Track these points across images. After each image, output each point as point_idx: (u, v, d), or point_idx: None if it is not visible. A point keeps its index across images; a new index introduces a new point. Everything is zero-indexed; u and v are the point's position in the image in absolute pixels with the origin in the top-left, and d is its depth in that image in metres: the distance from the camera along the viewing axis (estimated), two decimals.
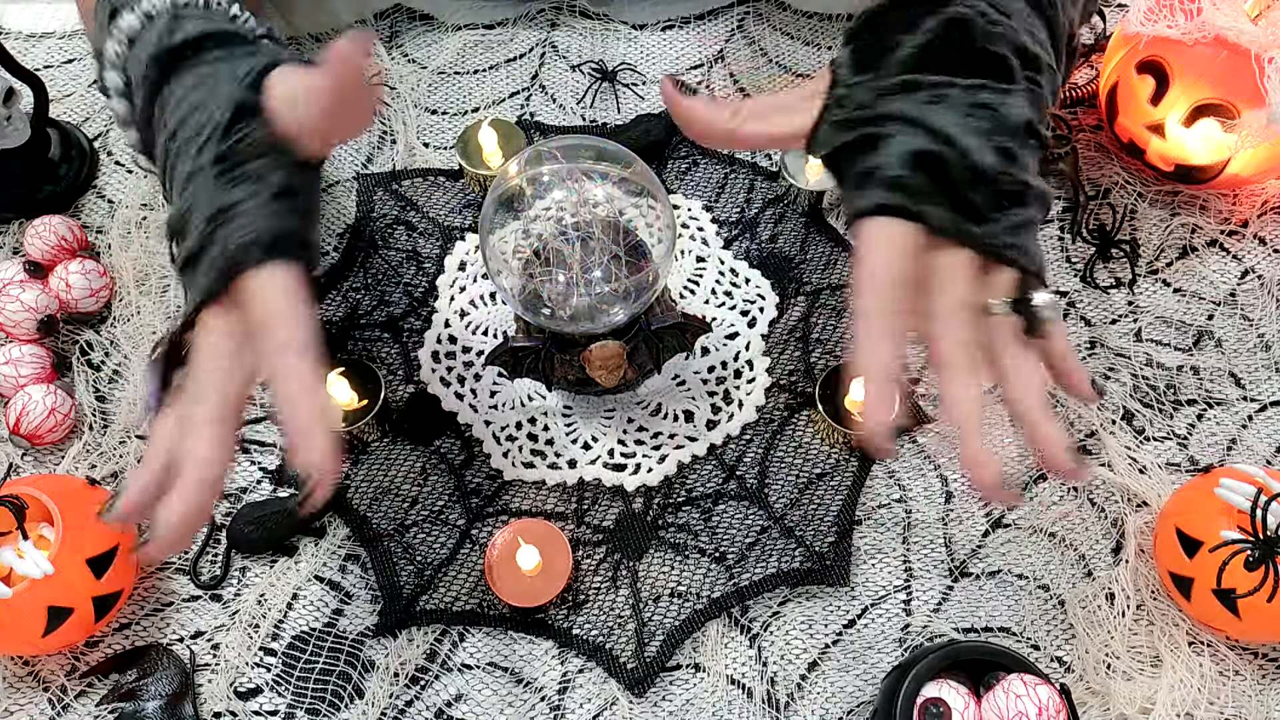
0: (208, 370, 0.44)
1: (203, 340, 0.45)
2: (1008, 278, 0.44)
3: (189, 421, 0.43)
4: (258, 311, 0.44)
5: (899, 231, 0.43)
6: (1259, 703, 0.57)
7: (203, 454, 0.43)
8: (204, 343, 0.44)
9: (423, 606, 0.60)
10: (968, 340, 0.42)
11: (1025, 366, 0.43)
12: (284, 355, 0.43)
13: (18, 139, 0.69)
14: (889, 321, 0.42)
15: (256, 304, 0.44)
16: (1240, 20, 0.62)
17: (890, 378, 0.42)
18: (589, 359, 0.58)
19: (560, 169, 0.57)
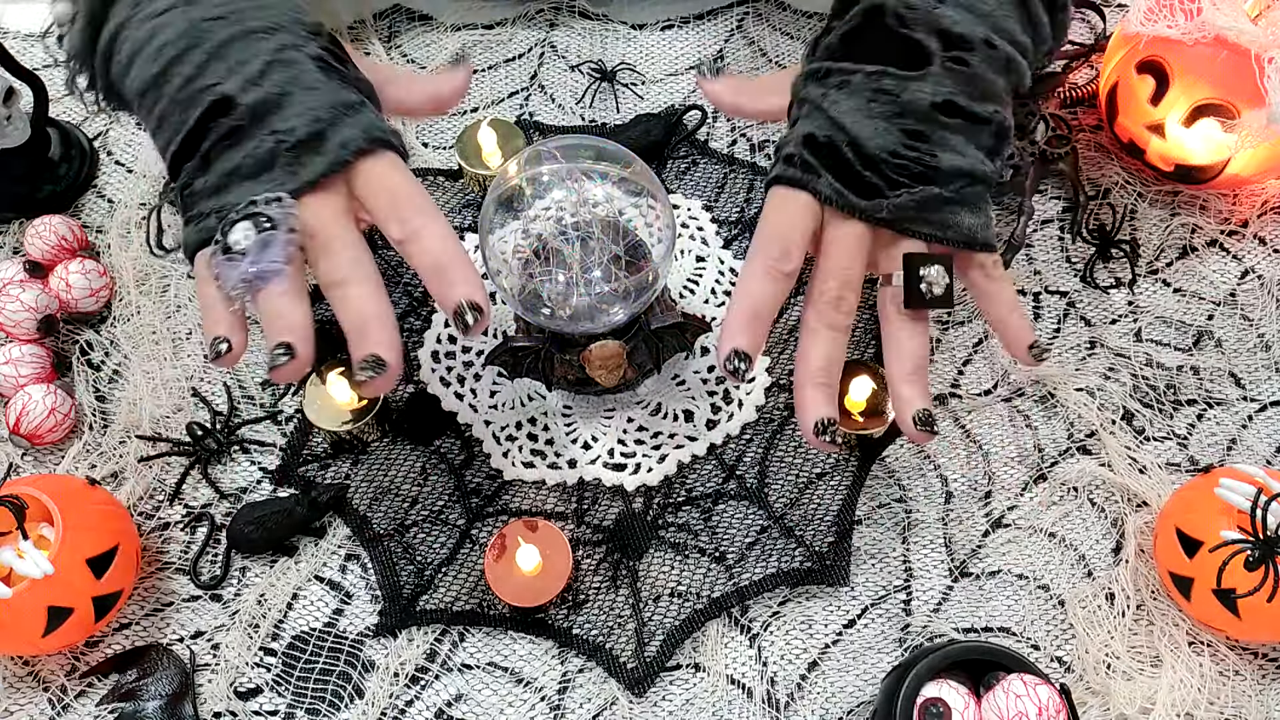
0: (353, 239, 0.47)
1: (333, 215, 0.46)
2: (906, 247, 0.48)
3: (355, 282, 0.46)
4: (386, 187, 0.47)
5: (795, 199, 0.48)
6: (1259, 703, 0.57)
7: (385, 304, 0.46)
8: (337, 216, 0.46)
9: (423, 606, 0.60)
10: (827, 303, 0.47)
11: (899, 335, 0.48)
12: (424, 216, 0.47)
13: (18, 138, 0.69)
14: (764, 262, 0.47)
15: (383, 180, 0.47)
16: (1240, 20, 0.62)
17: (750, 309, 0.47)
18: (589, 359, 0.58)
19: (560, 169, 0.57)
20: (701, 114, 0.75)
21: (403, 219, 0.47)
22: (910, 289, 0.47)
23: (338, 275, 0.46)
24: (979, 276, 0.49)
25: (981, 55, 0.46)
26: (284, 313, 0.45)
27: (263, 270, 0.45)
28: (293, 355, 0.44)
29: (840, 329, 0.48)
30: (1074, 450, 0.64)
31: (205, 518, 0.62)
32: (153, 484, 0.63)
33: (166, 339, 0.67)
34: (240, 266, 0.45)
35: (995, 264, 0.49)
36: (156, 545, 0.62)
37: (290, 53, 0.47)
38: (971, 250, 0.48)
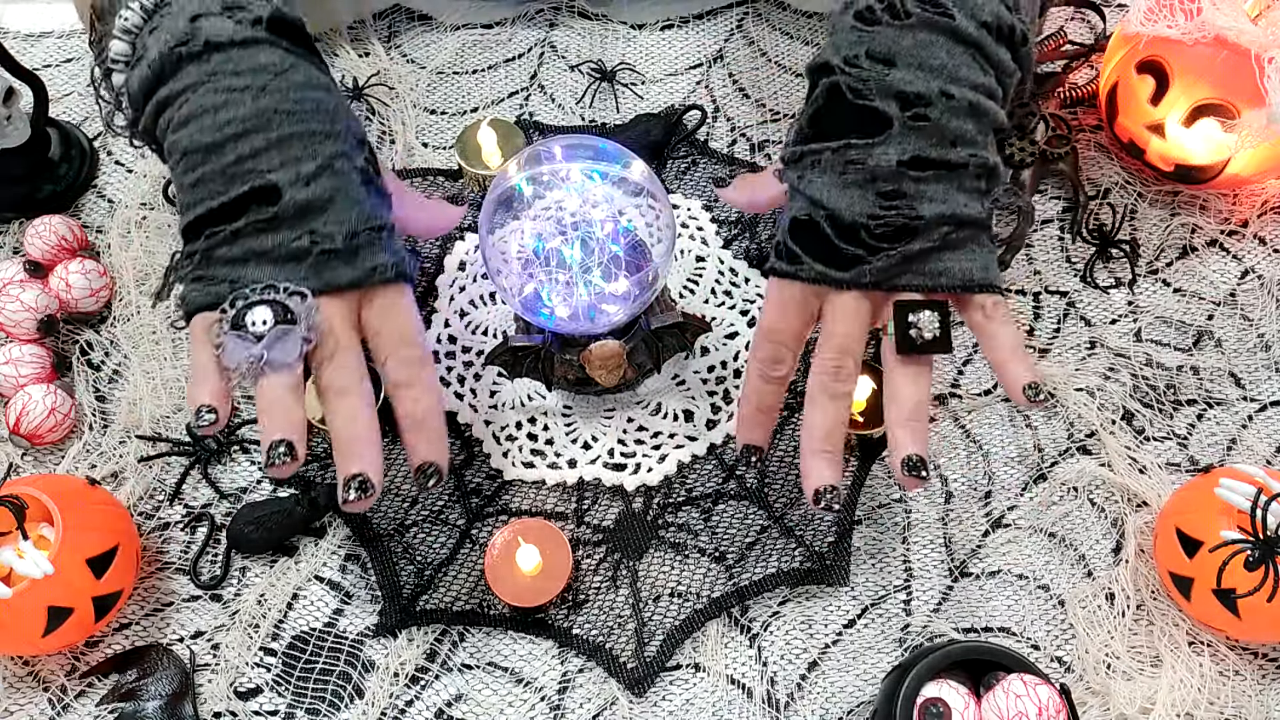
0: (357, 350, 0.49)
1: (343, 324, 0.49)
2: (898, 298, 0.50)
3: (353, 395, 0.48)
4: (395, 323, 0.50)
5: (787, 291, 0.51)
6: (1259, 703, 0.57)
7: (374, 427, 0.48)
8: (346, 327, 0.49)
9: (423, 606, 0.60)
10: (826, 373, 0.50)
11: (897, 382, 0.50)
12: (424, 367, 0.50)
13: (18, 138, 0.69)
14: (758, 367, 0.52)
15: (394, 316, 0.50)
16: (1240, 20, 0.62)
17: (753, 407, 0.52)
18: (589, 359, 0.58)
19: (560, 169, 0.57)
20: (701, 114, 0.75)
21: (403, 363, 0.50)
22: (900, 336, 0.49)
23: (340, 383, 0.48)
24: (979, 318, 0.50)
25: (941, 108, 0.47)
26: (288, 409, 0.47)
27: (274, 360, 0.46)
28: (293, 455, 0.46)
29: (840, 395, 0.50)
30: (1074, 450, 0.64)
31: (205, 518, 0.62)
32: (153, 484, 0.63)
33: (166, 339, 0.67)
34: (251, 349, 0.46)
35: (995, 305, 0.50)
36: (156, 545, 0.62)
37: (342, 162, 0.49)
38: (969, 293, 0.50)
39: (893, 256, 0.48)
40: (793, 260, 0.50)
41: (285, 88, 0.48)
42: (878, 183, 0.48)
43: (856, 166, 0.48)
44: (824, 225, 0.49)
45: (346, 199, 0.49)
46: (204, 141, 0.47)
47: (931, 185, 0.48)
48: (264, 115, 0.47)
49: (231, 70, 0.48)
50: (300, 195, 0.47)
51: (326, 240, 0.48)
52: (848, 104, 0.48)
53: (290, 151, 0.48)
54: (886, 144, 0.48)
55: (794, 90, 0.77)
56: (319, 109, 0.49)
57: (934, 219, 0.48)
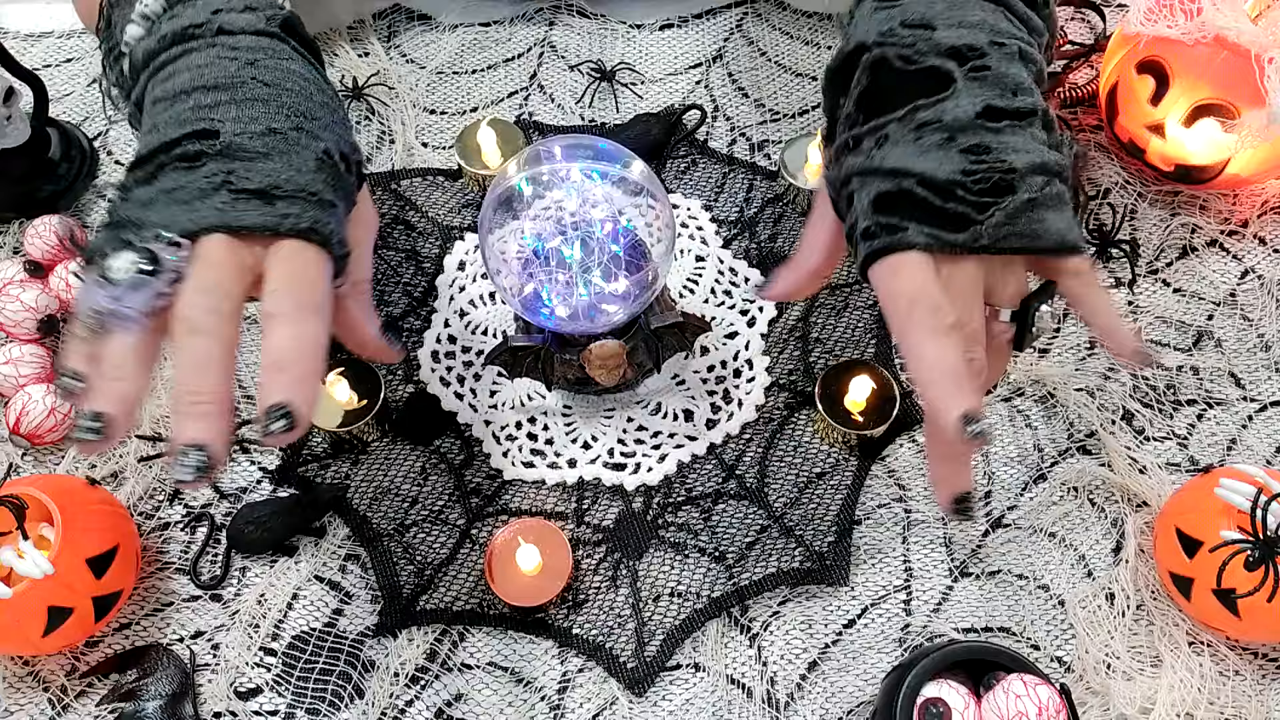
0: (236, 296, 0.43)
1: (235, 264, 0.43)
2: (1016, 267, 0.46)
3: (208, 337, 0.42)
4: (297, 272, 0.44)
5: (900, 263, 0.44)
6: (1259, 703, 0.57)
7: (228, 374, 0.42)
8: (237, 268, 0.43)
9: (423, 606, 0.60)
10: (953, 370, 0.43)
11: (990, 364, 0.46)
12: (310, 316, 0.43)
13: (18, 138, 0.69)
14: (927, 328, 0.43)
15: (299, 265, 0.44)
16: (1240, 20, 0.62)
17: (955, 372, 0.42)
18: (589, 358, 0.58)
19: (559, 169, 0.57)
20: (701, 114, 0.75)
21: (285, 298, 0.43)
22: (1024, 332, 0.46)
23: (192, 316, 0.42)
24: (1075, 285, 0.47)
25: (996, 56, 0.46)
26: (119, 373, 0.41)
27: (117, 311, 0.41)
28: (101, 433, 0.40)
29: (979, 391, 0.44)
30: (1074, 450, 0.64)
31: (205, 518, 0.62)
32: (153, 484, 0.63)
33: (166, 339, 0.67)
34: (98, 296, 0.41)
35: (1090, 269, 0.47)
36: (156, 545, 0.62)
37: (302, 136, 0.46)
38: (1061, 255, 0.46)
39: (1003, 208, 0.43)
40: (890, 231, 0.44)
41: (274, 66, 0.47)
42: (958, 139, 0.44)
43: (932, 127, 0.44)
44: (917, 191, 0.44)
45: (285, 162, 0.45)
46: (173, 90, 0.46)
47: (1009, 136, 0.45)
48: (240, 79, 0.46)
49: (230, 45, 0.47)
50: (235, 140, 0.44)
51: (243, 181, 0.43)
52: (899, 73, 0.46)
53: (248, 110, 0.45)
54: (955, 98, 0.45)
55: (794, 90, 0.77)
56: (300, 93, 0.47)
57: (1027, 169, 0.44)
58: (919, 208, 0.44)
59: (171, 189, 0.43)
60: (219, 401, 0.41)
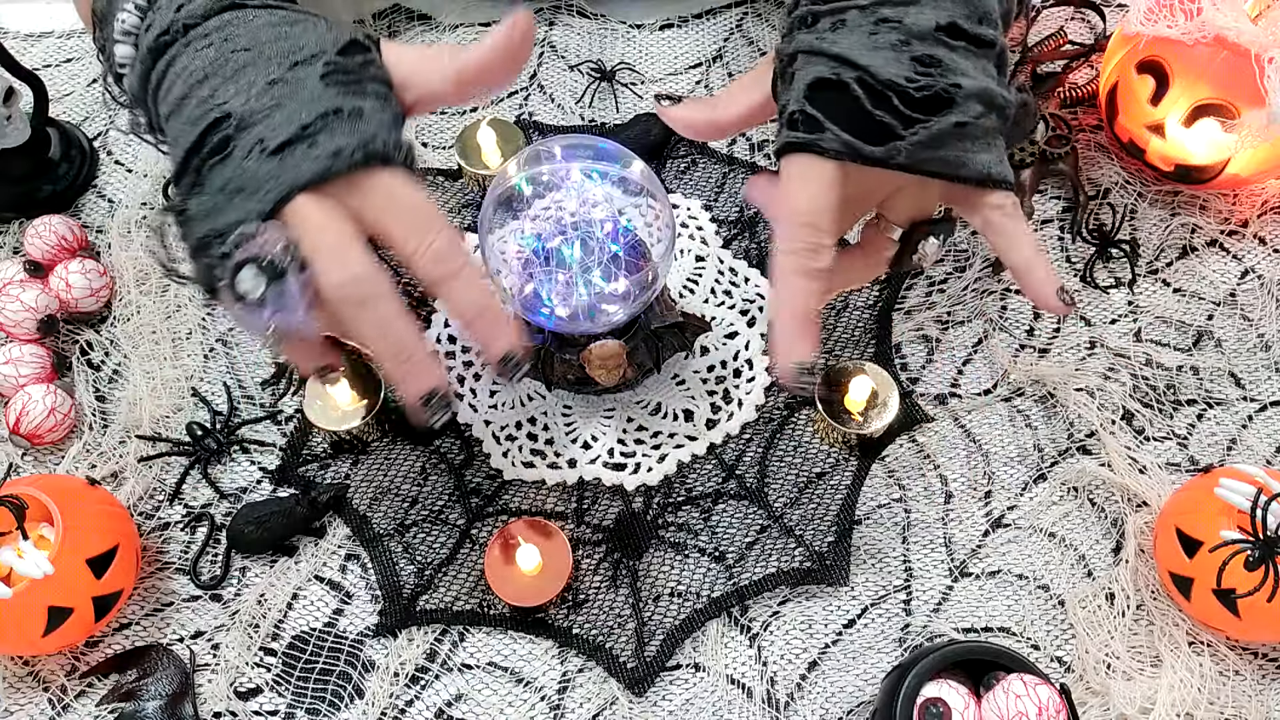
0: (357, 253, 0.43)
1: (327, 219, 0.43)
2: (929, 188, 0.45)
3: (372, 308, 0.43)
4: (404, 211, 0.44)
5: (811, 166, 0.44)
6: (1259, 703, 0.57)
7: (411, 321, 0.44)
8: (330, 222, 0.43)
9: (423, 606, 0.60)
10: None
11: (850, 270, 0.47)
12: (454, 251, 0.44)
13: (18, 138, 0.69)
14: (798, 260, 0.44)
15: (393, 202, 0.44)
16: (1240, 20, 0.62)
17: (799, 314, 0.44)
18: (589, 358, 0.58)
19: (559, 169, 0.57)
20: None
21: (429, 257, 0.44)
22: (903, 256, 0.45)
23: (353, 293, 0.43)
24: (996, 216, 0.46)
25: None
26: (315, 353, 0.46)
27: (286, 322, 0.43)
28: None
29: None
30: (1074, 450, 0.64)
31: (205, 518, 0.62)
32: (153, 484, 0.63)
33: (166, 339, 0.67)
34: (263, 317, 0.43)
35: (1014, 204, 0.46)
36: (156, 545, 0.62)
37: (299, 70, 0.46)
38: (985, 188, 0.45)
39: (928, 130, 0.43)
40: (812, 128, 0.44)
41: (246, 31, 0.47)
42: (913, 45, 0.43)
43: (890, 25, 0.43)
44: (854, 86, 0.43)
45: (296, 100, 0.44)
46: (175, 99, 0.46)
47: (963, 59, 0.44)
48: (222, 58, 0.46)
49: (201, 34, 0.47)
50: (244, 109, 0.44)
51: (272, 139, 0.43)
52: None
53: (243, 79, 0.45)
54: (923, 6, 0.44)
55: None
56: (279, 38, 0.47)
57: (972, 92, 0.43)
58: (847, 107, 0.43)
59: (223, 185, 0.44)
60: (417, 346, 0.44)
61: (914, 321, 0.68)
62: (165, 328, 0.68)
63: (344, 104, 0.45)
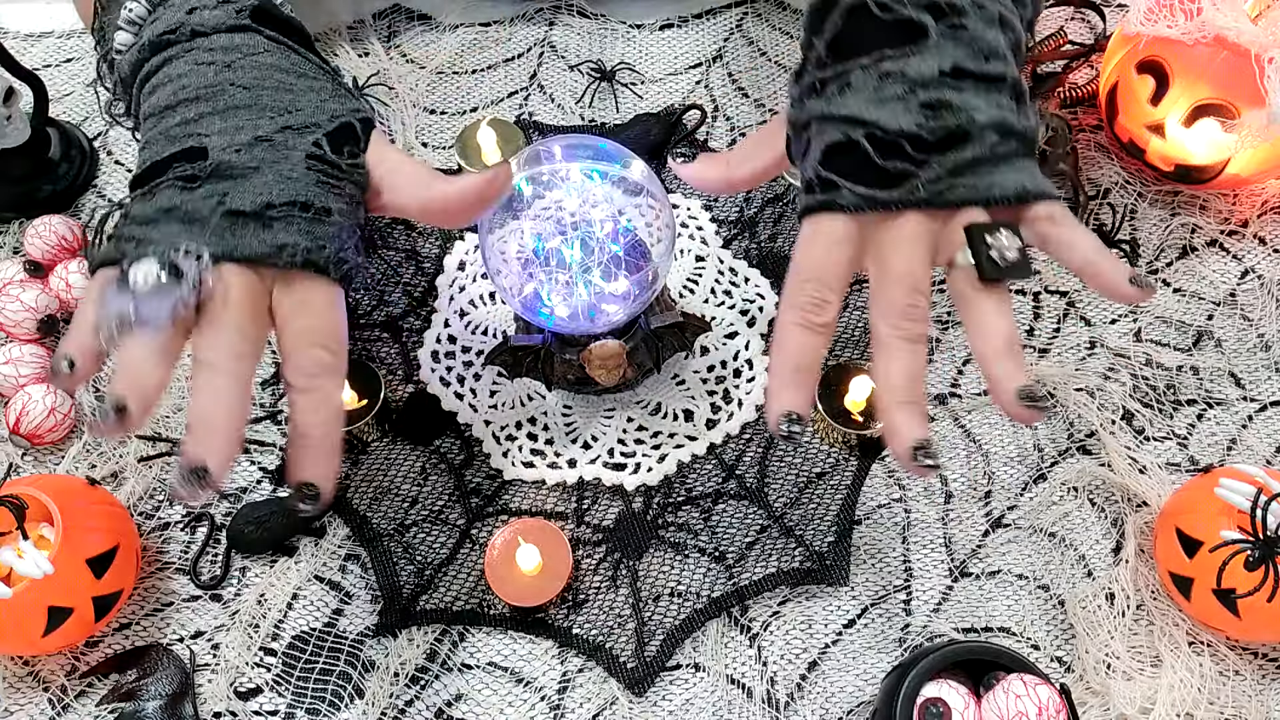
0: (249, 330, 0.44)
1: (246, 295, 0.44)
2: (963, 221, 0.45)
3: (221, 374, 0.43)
4: (307, 318, 0.45)
5: (824, 226, 0.45)
6: (1259, 703, 0.57)
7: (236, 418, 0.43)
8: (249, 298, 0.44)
9: (423, 606, 0.60)
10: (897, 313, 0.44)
11: (978, 313, 0.45)
12: (327, 375, 0.45)
13: (18, 138, 0.69)
14: (801, 314, 0.45)
15: (307, 309, 0.45)
16: (1240, 20, 0.62)
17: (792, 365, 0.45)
18: (589, 358, 0.58)
19: (559, 169, 0.57)
20: (701, 114, 0.75)
21: (302, 366, 0.44)
22: (981, 259, 0.44)
23: (209, 356, 0.43)
24: (1047, 227, 0.46)
25: (975, 16, 0.45)
26: (140, 371, 0.43)
27: (143, 316, 0.42)
28: (122, 416, 0.41)
29: (918, 339, 0.44)
30: (1074, 450, 0.64)
31: (205, 518, 0.62)
32: (153, 484, 0.63)
33: None
34: (123, 302, 0.42)
35: (1062, 211, 0.46)
36: (156, 545, 0.62)
37: (288, 136, 0.46)
38: (1026, 203, 0.45)
39: (944, 165, 0.44)
40: (827, 189, 0.45)
41: (250, 66, 0.47)
42: (919, 93, 0.44)
43: (894, 77, 0.44)
44: (864, 143, 0.44)
45: (275, 173, 0.45)
46: (159, 105, 0.47)
47: (971, 95, 0.44)
48: (219, 86, 0.46)
49: (206, 48, 0.47)
50: (224, 158, 0.45)
51: (234, 202, 0.44)
52: (875, 20, 0.45)
53: (232, 120, 0.46)
54: (924, 53, 0.44)
55: None
56: (280, 88, 0.47)
57: (985, 124, 0.44)
58: (860, 163, 0.44)
59: (169, 207, 0.45)
60: (228, 430, 0.43)
61: None
62: None
63: (315, 199, 0.46)
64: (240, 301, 0.44)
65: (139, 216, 0.45)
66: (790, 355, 0.45)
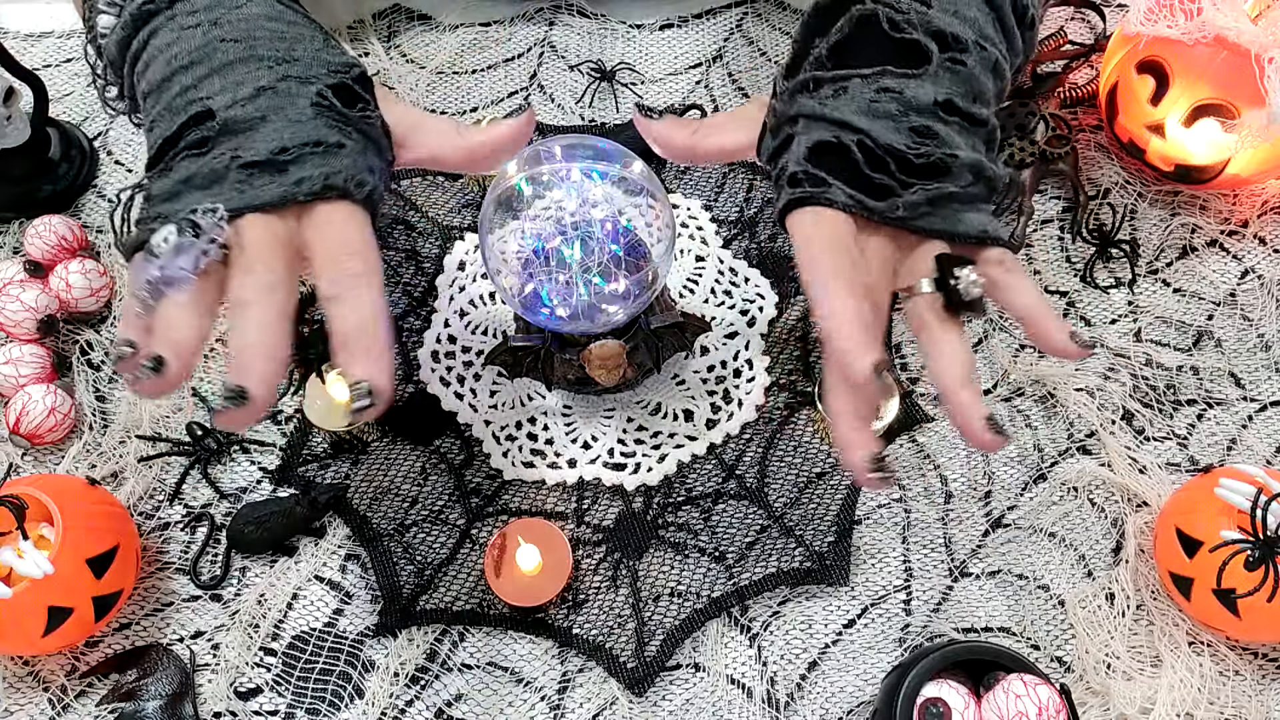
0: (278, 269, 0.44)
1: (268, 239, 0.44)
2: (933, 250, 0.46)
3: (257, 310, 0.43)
4: (333, 239, 0.45)
5: (821, 214, 0.45)
6: (1259, 703, 0.57)
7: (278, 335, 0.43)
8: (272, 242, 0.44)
9: (423, 606, 0.60)
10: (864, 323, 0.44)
11: (942, 341, 0.45)
12: (361, 281, 0.44)
13: (18, 138, 0.69)
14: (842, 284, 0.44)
15: (333, 231, 0.45)
16: (1240, 20, 0.62)
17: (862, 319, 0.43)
18: (589, 358, 0.58)
19: (559, 168, 0.57)
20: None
21: (336, 276, 0.45)
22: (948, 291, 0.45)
23: (245, 295, 0.44)
24: (997, 271, 0.47)
25: (975, 56, 0.46)
26: (174, 325, 0.43)
27: (168, 276, 0.43)
28: (159, 370, 0.42)
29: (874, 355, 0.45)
30: (1074, 450, 0.64)
31: (205, 518, 0.62)
32: (153, 484, 0.63)
33: None
34: (150, 269, 0.43)
35: (1012, 259, 0.47)
36: (156, 545, 0.62)
37: (291, 84, 0.46)
38: (983, 245, 0.47)
39: (925, 192, 0.45)
40: (817, 184, 0.45)
41: (237, 20, 0.47)
42: (910, 116, 0.45)
43: (891, 95, 0.45)
44: (854, 150, 0.45)
45: (283, 118, 0.45)
46: (156, 80, 0.47)
47: (956, 134, 0.46)
48: (210, 46, 0.46)
49: (187, 11, 0.47)
50: (230, 115, 0.45)
51: (247, 154, 0.44)
52: (882, 35, 0.46)
53: (231, 76, 0.46)
54: (923, 80, 0.45)
55: None
56: (273, 37, 0.47)
57: (965, 163, 0.45)
58: (849, 168, 0.45)
59: (187, 177, 0.45)
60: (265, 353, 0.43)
61: None
62: None
63: (325, 137, 0.46)
64: (265, 244, 0.44)
65: (160, 193, 0.45)
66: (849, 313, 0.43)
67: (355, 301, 0.44)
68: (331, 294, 0.45)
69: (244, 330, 0.43)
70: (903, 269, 0.47)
